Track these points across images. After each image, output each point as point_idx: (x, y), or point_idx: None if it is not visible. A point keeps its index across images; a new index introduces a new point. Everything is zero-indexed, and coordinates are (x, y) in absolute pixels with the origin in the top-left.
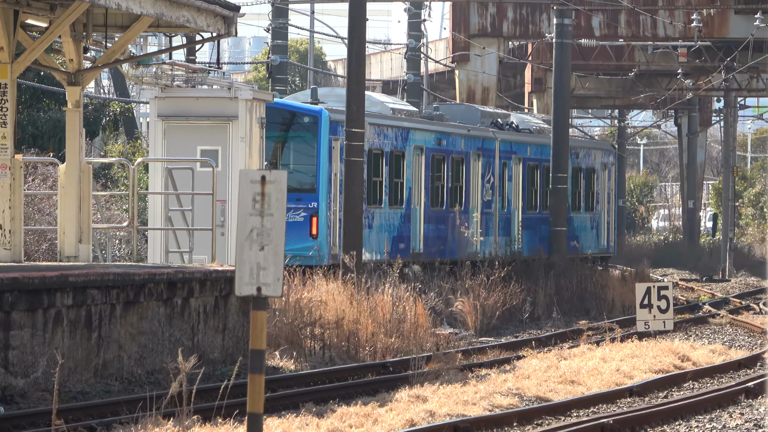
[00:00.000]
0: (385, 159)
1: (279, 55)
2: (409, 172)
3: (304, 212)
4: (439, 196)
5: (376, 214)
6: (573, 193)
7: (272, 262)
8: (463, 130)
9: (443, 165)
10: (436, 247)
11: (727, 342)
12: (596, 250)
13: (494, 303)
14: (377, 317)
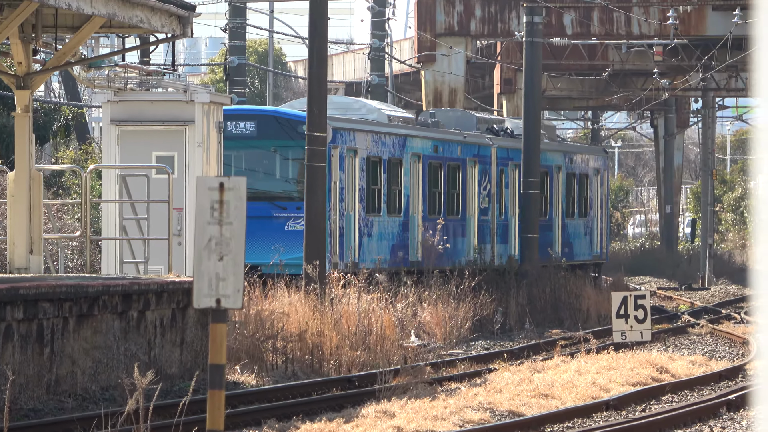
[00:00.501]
0: (383, 167)
1: (237, 57)
2: (407, 180)
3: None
4: (437, 204)
5: (375, 222)
6: (567, 199)
7: (232, 273)
8: (460, 137)
9: (440, 172)
10: (436, 256)
11: (708, 353)
12: (589, 257)
13: (464, 314)
14: (342, 329)
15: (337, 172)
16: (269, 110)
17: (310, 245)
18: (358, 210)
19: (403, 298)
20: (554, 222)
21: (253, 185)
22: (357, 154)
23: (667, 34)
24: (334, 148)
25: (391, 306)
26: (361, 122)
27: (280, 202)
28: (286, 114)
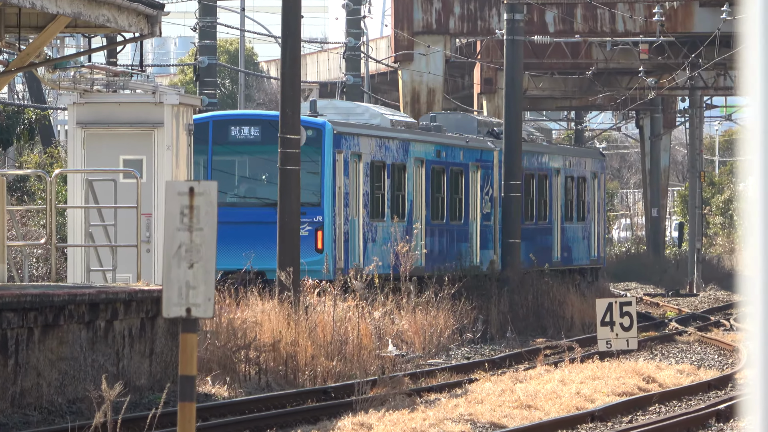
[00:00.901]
0: (387, 172)
1: (207, 57)
2: (410, 185)
3: (310, 226)
4: (440, 209)
5: (379, 227)
6: (566, 203)
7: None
8: (462, 141)
9: (443, 177)
10: (437, 262)
11: (696, 361)
12: (587, 261)
13: (444, 322)
14: (317, 339)
15: (341, 177)
16: (274, 115)
17: (283, 251)
18: (362, 215)
19: (380, 306)
20: (554, 226)
21: (257, 191)
22: (361, 158)
23: (653, 31)
24: (339, 152)
25: (368, 314)
26: (364, 127)
27: None
28: None
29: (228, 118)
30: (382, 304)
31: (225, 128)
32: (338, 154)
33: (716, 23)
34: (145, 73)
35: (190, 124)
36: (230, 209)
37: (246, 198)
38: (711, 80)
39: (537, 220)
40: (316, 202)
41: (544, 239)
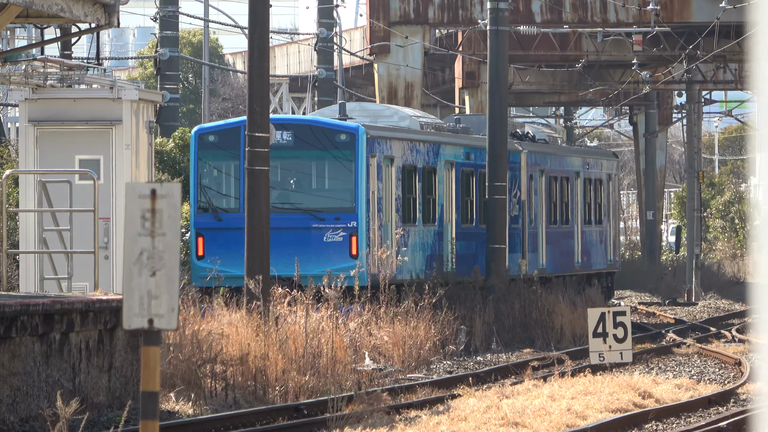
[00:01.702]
0: (418, 175)
1: (168, 49)
2: (441, 189)
3: (344, 232)
4: (469, 212)
5: (411, 232)
6: (585, 206)
7: (166, 290)
8: (485, 143)
9: (472, 180)
10: (467, 266)
11: (695, 375)
12: (604, 265)
13: (425, 333)
14: (288, 352)
15: (374, 181)
16: (306, 119)
17: (251, 257)
18: (394, 220)
19: (356, 316)
20: (575, 229)
21: (290, 197)
22: (393, 162)
23: (648, 21)
24: (372, 157)
25: (343, 325)
26: (395, 130)
27: (319, 213)
28: (324, 123)
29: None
30: (358, 314)
31: None
32: (371, 159)
33: (715, 12)
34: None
35: (151, 121)
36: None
37: (278, 203)
38: (710, 73)
39: (561, 224)
40: (350, 207)
41: (566, 243)
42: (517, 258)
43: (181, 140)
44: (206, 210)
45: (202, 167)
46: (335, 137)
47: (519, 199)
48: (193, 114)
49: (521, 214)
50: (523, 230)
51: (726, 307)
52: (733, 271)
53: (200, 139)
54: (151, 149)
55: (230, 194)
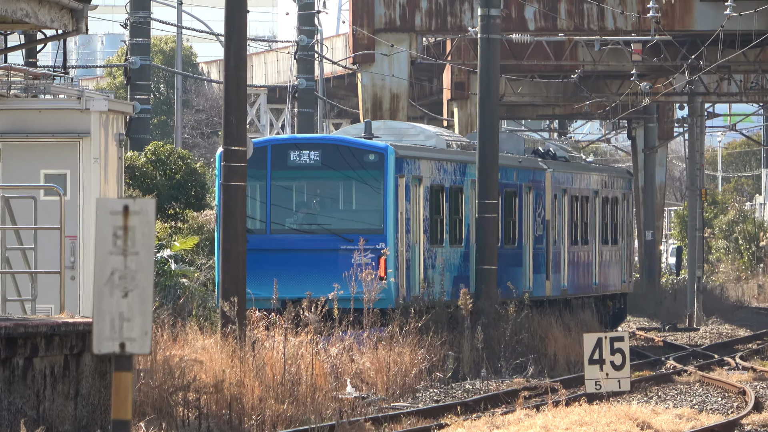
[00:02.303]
0: (446, 195)
1: (139, 57)
2: (467, 208)
3: (372, 253)
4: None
5: (438, 253)
6: (602, 225)
7: (138, 312)
8: (515, 161)
9: (498, 199)
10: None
11: (697, 405)
12: (619, 287)
13: (410, 359)
14: (266, 378)
15: (403, 202)
16: (335, 138)
17: (227, 278)
18: (422, 241)
19: (338, 341)
20: (593, 250)
21: (316, 217)
22: (421, 182)
23: (648, 28)
24: (401, 177)
25: (323, 351)
26: (423, 150)
27: (347, 234)
28: (352, 142)
29: (287, 142)
30: (339, 339)
31: (284, 153)
32: (400, 179)
33: (719, 20)
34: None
35: (121, 133)
36: (289, 236)
37: (305, 225)
38: (713, 85)
39: (581, 244)
40: (378, 228)
41: (586, 264)
42: (542, 279)
43: (153, 154)
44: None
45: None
46: (363, 157)
47: (543, 219)
48: (165, 126)
49: (545, 234)
50: (548, 250)
51: (729, 332)
52: (737, 295)
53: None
54: (121, 163)
55: (256, 215)
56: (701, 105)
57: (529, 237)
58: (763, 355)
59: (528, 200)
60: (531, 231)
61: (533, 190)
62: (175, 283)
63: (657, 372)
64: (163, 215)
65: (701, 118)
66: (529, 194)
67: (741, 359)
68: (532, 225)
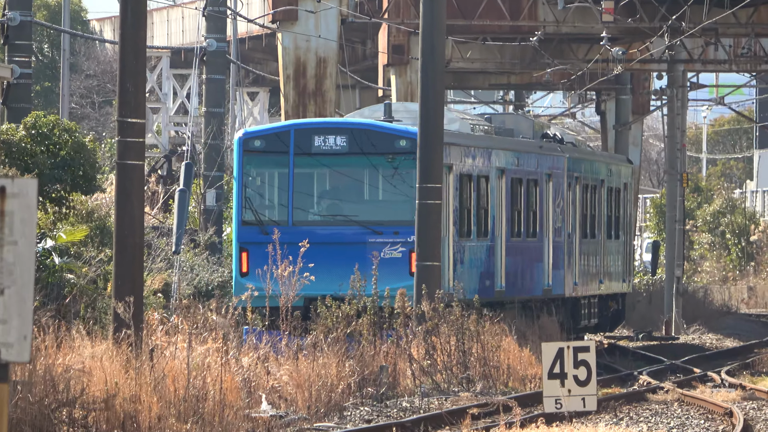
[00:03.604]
0: (473, 185)
1: (19, 12)
2: (493, 198)
3: (402, 247)
4: (517, 224)
5: (467, 248)
6: (607, 218)
7: (16, 313)
8: (535, 147)
9: (519, 188)
10: (517, 285)
11: (676, 428)
12: (620, 287)
13: (337, 372)
14: (166, 393)
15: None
16: (361, 123)
17: (121, 273)
18: (452, 234)
19: (251, 350)
20: (599, 244)
21: (342, 208)
22: (451, 170)
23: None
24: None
25: (234, 361)
26: (451, 135)
27: (375, 227)
28: (383, 127)
29: (311, 127)
30: (253, 347)
31: (308, 137)
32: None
33: None
34: None
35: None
36: (313, 228)
37: (330, 216)
38: (697, 51)
39: (590, 237)
40: (410, 220)
41: (594, 260)
42: (561, 275)
43: (34, 127)
44: (251, 223)
45: (248, 175)
46: (394, 143)
47: (562, 209)
48: (50, 93)
49: (564, 226)
50: (564, 244)
51: (714, 343)
52: (723, 299)
53: (245, 145)
54: None
55: (276, 205)
56: (683, 74)
57: (548, 230)
58: (753, 370)
59: (548, 189)
60: (551, 223)
61: (553, 178)
62: (60, 280)
63: (628, 389)
64: (45, 199)
65: (683, 89)
66: (549, 183)
67: (728, 374)
68: (552, 216)
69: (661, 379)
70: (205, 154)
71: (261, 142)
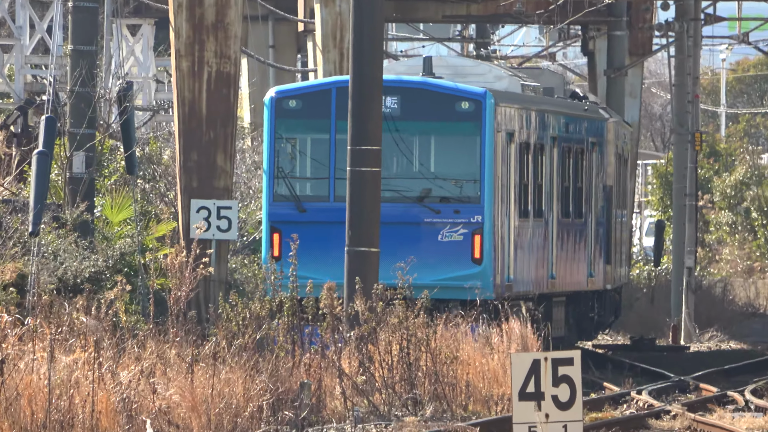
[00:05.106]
0: (530, 156)
1: None
2: (547, 171)
3: (464, 228)
4: (567, 202)
5: (524, 229)
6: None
7: None
8: (580, 109)
9: (568, 159)
10: (566, 275)
11: None
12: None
13: (243, 390)
14: (20, 417)
15: (499, 164)
16: (415, 81)
17: None
18: (513, 213)
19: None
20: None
21: (394, 182)
22: (512, 139)
23: None
24: (497, 132)
25: (110, 376)
26: (509, 96)
27: (433, 204)
28: (443, 87)
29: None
30: (135, 358)
31: None
32: (497, 134)
33: None
34: None
35: None
36: None
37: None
38: None
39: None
40: (473, 197)
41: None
42: (602, 264)
43: None
44: (285, 198)
45: (281, 142)
46: (456, 105)
47: (605, 186)
48: None
49: (606, 206)
50: (608, 228)
51: (736, 353)
52: (748, 296)
53: (278, 106)
54: None
55: (317, 178)
56: (696, 3)
57: (592, 209)
58: None
59: (592, 160)
60: (595, 201)
61: (597, 147)
62: None
63: (624, 413)
64: None
65: (695, 23)
66: (593, 152)
67: (753, 395)
68: (595, 192)
69: (667, 401)
70: (71, 106)
71: (298, 102)
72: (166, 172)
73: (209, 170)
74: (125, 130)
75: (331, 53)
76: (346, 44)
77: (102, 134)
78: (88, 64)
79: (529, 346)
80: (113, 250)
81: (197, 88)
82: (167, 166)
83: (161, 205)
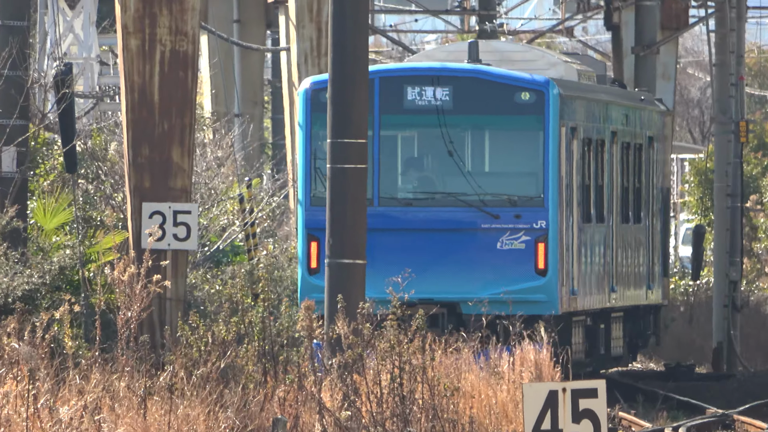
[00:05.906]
0: (592, 153)
1: None
2: (608, 170)
3: (526, 235)
4: (626, 205)
5: (587, 236)
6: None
7: None
8: (635, 99)
9: (626, 156)
10: (626, 288)
11: None
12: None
13: (207, 428)
14: None
15: (563, 162)
16: (469, 69)
17: None
18: (576, 217)
19: (74, 395)
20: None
21: (447, 183)
22: (575, 134)
23: None
24: (562, 126)
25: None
26: (569, 85)
27: (491, 208)
28: (500, 75)
29: (404, 74)
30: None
31: (398, 88)
32: (561, 129)
33: None
34: None
35: None
36: (404, 210)
37: (429, 194)
38: None
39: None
40: (536, 198)
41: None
42: (660, 278)
43: None
44: (324, 203)
45: (318, 140)
46: (515, 96)
47: (662, 185)
48: None
49: (664, 208)
50: (665, 234)
51: None
52: None
53: (315, 98)
54: None
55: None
56: None
57: (650, 214)
58: None
59: (651, 158)
60: (653, 205)
61: (654, 142)
62: None
63: None
64: None
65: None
66: (650, 149)
67: None
68: (653, 195)
69: None
70: (0, 93)
71: None
72: (113, 170)
73: (163, 168)
74: (64, 121)
75: (306, 29)
76: (324, 17)
77: (36, 126)
78: (18, 43)
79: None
80: (50, 263)
81: (148, 70)
82: (114, 163)
83: (107, 210)
